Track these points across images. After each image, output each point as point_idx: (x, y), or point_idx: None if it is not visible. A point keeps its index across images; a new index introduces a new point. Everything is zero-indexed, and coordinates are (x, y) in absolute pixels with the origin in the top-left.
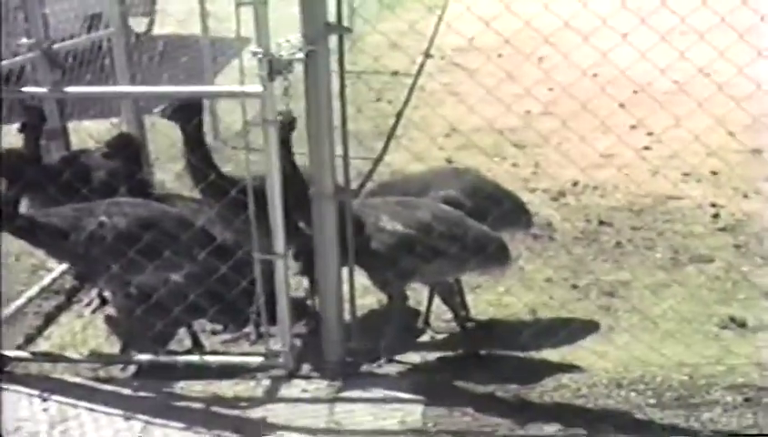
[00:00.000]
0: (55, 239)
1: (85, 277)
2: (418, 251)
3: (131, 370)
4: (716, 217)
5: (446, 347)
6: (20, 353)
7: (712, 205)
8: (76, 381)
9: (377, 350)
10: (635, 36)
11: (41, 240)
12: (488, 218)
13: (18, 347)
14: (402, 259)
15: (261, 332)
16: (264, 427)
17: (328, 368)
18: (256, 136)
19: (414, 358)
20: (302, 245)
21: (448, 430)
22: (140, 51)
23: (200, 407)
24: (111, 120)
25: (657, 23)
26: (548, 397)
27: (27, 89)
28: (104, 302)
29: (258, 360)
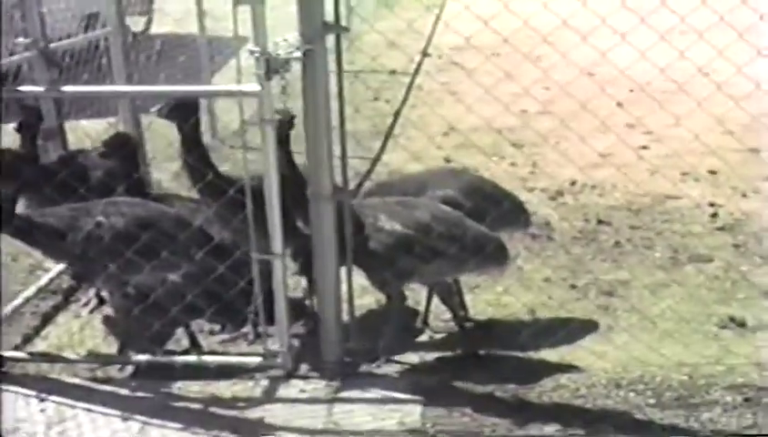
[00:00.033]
0: (52, 240)
1: (83, 277)
2: (416, 251)
3: (129, 370)
4: (715, 216)
5: (445, 347)
6: (17, 354)
7: (711, 204)
8: (74, 381)
9: (375, 351)
10: (634, 36)
11: (38, 241)
12: (486, 218)
13: (16, 347)
14: (401, 259)
15: (259, 332)
16: (262, 427)
17: (327, 368)
18: (253, 135)
19: (413, 358)
20: (300, 245)
21: (446, 430)
22: (137, 50)
23: (198, 407)
24: (108, 120)
25: (656, 22)
26: (547, 397)
27: (24, 88)
28: (101, 302)
29: (256, 360)
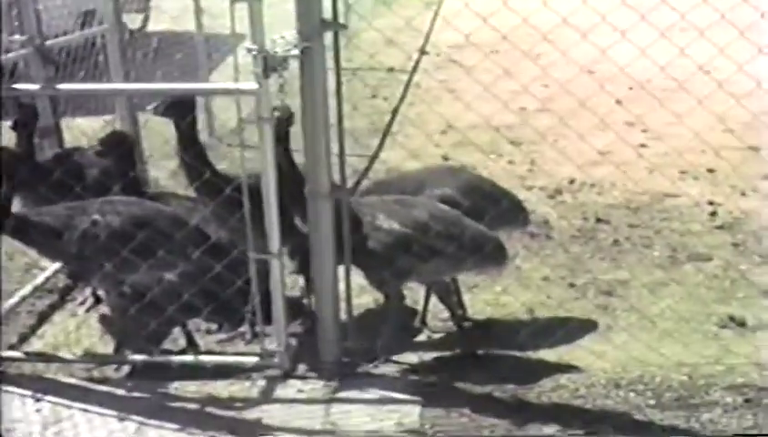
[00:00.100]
0: (48, 238)
1: (79, 276)
2: (414, 250)
3: (125, 370)
4: (714, 215)
5: (443, 347)
6: (13, 353)
7: (710, 203)
8: (70, 381)
9: (373, 350)
10: (634, 33)
11: (33, 239)
12: (484, 217)
13: (11, 346)
14: (399, 258)
15: (256, 332)
16: (259, 428)
17: (325, 368)
18: (251, 133)
19: (411, 358)
20: (298, 243)
21: (445, 431)
22: (134, 48)
23: (195, 408)
24: (105, 117)
25: (657, 19)
26: (546, 397)
27: (20, 86)
28: (98, 301)
29: (254, 360)
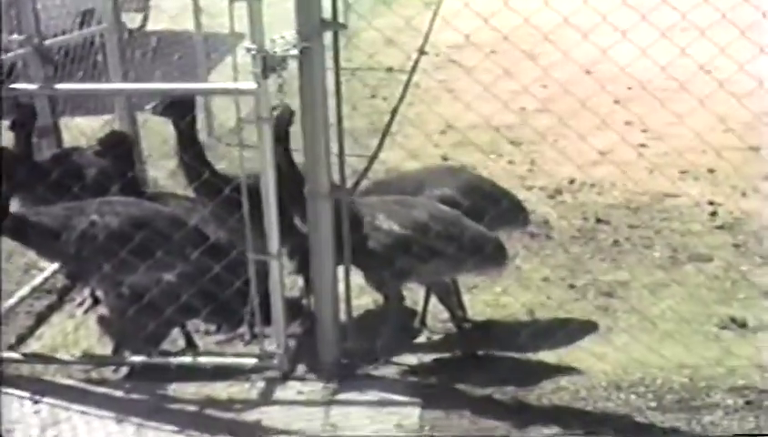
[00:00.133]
0: (46, 239)
1: (77, 277)
2: (414, 251)
3: (123, 371)
4: (714, 215)
5: (443, 348)
6: (11, 354)
7: (710, 203)
8: (68, 382)
9: (373, 352)
10: (635, 33)
11: (32, 240)
12: (484, 218)
13: (10, 347)
14: (398, 258)
15: (255, 333)
16: (259, 430)
17: (324, 369)
18: (250, 133)
19: (411, 359)
20: (297, 243)
21: (445, 433)
22: (133, 47)
23: (194, 409)
24: (104, 117)
25: (657, 19)
26: (546, 399)
27: (18, 86)
28: (96, 302)
29: (253, 361)
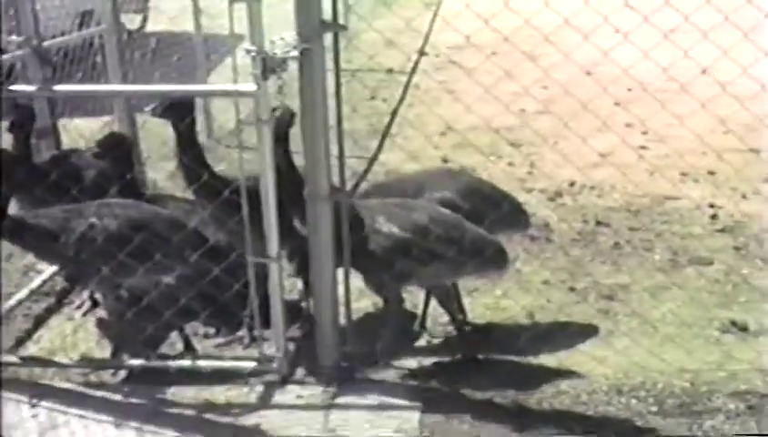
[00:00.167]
0: (45, 241)
1: (76, 279)
2: (414, 254)
3: (122, 374)
4: (715, 217)
5: (443, 351)
6: (9, 357)
7: (711, 205)
8: (66, 386)
9: (372, 355)
10: (637, 35)
11: (30, 242)
12: (484, 220)
13: (7, 351)
14: (398, 261)
15: (255, 336)
16: (258, 434)
17: (323, 373)
18: (250, 134)
19: (410, 363)
20: (297, 245)
21: None
22: (132, 48)
23: (192, 413)
24: (103, 118)
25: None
26: (547, 403)
27: (17, 87)
28: (95, 304)
29: (252, 364)
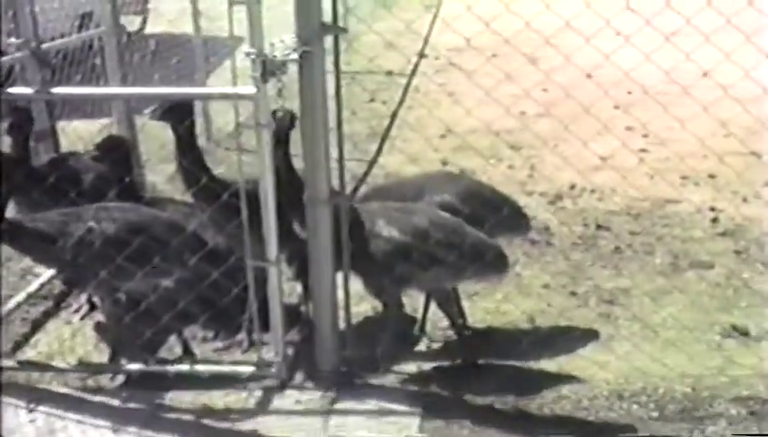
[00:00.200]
0: (43, 245)
1: (74, 283)
2: (414, 258)
3: (120, 379)
4: (715, 221)
5: (443, 356)
6: (7, 362)
7: (712, 209)
8: (64, 390)
9: (372, 360)
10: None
11: (28, 246)
12: (485, 224)
13: (5, 355)
14: (398, 265)
15: (253, 340)
16: None
17: (322, 377)
18: (249, 137)
19: (410, 367)
20: (296, 249)
21: None
22: (131, 50)
23: (191, 419)
24: (102, 120)
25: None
26: (547, 409)
27: (15, 90)
28: (93, 308)
29: (250, 369)
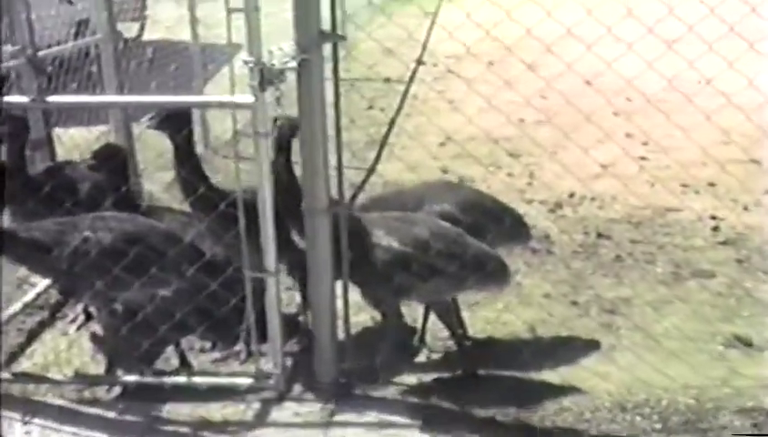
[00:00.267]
0: (38, 255)
1: (70, 293)
2: (414, 269)
3: (116, 391)
4: (716, 229)
5: (443, 367)
6: (1, 373)
7: (713, 217)
8: (60, 402)
9: (372, 371)
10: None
11: (23, 256)
12: (485, 234)
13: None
14: (398, 276)
15: (252, 351)
16: None
17: (321, 389)
18: (247, 145)
19: (410, 379)
20: (296, 259)
21: None
22: (128, 57)
23: (188, 431)
24: (99, 128)
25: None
26: (549, 421)
27: (11, 98)
28: (89, 318)
29: (248, 381)
